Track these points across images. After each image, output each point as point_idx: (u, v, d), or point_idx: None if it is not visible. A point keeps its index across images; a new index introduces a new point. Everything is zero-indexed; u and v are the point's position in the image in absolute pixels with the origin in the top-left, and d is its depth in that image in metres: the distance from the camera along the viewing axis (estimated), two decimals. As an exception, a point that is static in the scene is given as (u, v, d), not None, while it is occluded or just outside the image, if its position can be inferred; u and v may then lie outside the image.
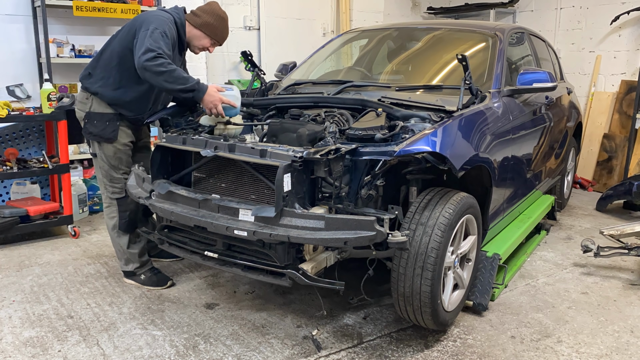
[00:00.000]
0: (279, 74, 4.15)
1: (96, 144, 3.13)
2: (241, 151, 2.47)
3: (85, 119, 3.10)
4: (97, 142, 3.12)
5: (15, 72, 4.60)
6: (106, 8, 4.63)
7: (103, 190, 3.25)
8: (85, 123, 3.11)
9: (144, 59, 2.75)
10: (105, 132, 3.07)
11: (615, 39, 6.09)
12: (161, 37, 2.85)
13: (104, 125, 3.07)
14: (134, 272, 3.31)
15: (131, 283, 3.33)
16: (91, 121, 3.08)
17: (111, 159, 3.14)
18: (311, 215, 2.32)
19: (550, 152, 4.26)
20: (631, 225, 3.86)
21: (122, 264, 3.33)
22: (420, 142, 2.40)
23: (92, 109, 3.08)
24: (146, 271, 3.32)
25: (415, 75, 3.62)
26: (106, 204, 3.26)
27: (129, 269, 3.31)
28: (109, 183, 3.19)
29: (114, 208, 3.22)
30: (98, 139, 3.10)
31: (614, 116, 6.11)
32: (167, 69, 2.76)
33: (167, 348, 2.65)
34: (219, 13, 3.12)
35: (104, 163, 3.15)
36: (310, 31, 6.63)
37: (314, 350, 2.64)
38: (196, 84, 2.82)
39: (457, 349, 2.69)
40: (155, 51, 2.77)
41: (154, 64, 2.75)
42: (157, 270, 3.38)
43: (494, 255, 3.14)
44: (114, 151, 3.13)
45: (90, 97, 3.08)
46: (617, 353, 2.69)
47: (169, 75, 2.77)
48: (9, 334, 2.77)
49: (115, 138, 3.10)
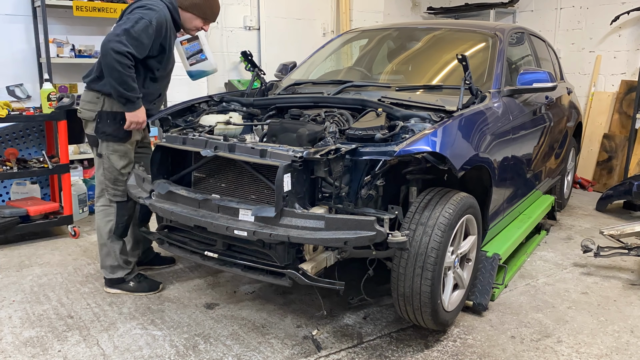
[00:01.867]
0: (279, 74, 4.15)
1: (104, 144, 3.07)
2: (241, 151, 2.47)
3: (98, 119, 3.04)
4: (106, 142, 3.06)
5: (15, 72, 4.60)
6: (106, 8, 4.63)
7: (101, 193, 3.16)
8: (98, 123, 3.04)
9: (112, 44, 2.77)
10: (119, 131, 3.04)
11: (615, 39, 6.09)
12: (145, 27, 2.84)
13: (117, 125, 3.03)
14: (123, 279, 3.21)
15: (116, 292, 3.21)
16: (104, 120, 3.03)
17: (120, 160, 3.08)
18: (311, 215, 2.32)
19: (550, 152, 4.26)
20: (631, 225, 3.85)
21: (107, 271, 3.21)
22: (420, 142, 2.40)
23: (104, 108, 3.03)
24: (134, 278, 3.24)
25: (415, 75, 3.62)
26: (103, 207, 3.16)
27: (117, 276, 3.20)
28: (111, 185, 3.11)
29: (111, 211, 3.14)
30: (112, 138, 3.04)
31: (614, 116, 6.11)
32: (122, 70, 2.79)
33: (167, 348, 2.65)
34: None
35: (110, 164, 3.07)
36: (310, 31, 6.63)
37: (314, 350, 2.64)
38: (136, 98, 2.90)
39: (457, 349, 2.69)
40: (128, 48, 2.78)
41: (115, 57, 2.76)
42: (144, 276, 3.31)
43: (494, 255, 3.14)
44: (124, 151, 3.09)
45: (102, 96, 3.03)
46: (617, 353, 2.69)
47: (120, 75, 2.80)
48: (9, 334, 2.77)
49: (129, 137, 3.08)
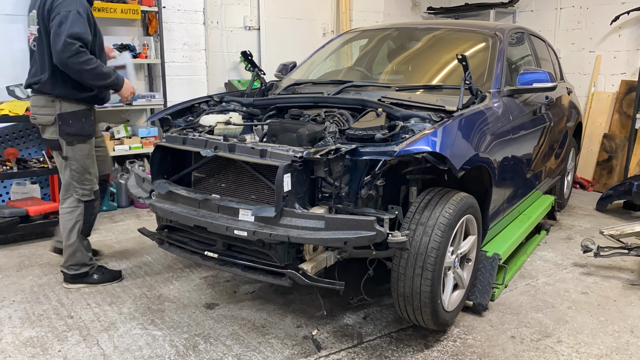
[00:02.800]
0: (279, 74, 4.15)
1: (70, 147, 3.06)
2: (241, 151, 2.47)
3: (59, 122, 3.02)
4: (70, 142, 3.05)
5: (15, 72, 4.59)
6: (106, 8, 4.63)
7: (66, 195, 3.17)
8: (60, 125, 3.02)
9: (65, 56, 2.75)
10: (84, 129, 3.04)
11: (615, 39, 6.09)
12: (77, 19, 2.81)
13: (80, 123, 3.03)
14: (86, 273, 3.26)
15: (78, 287, 3.25)
16: (66, 122, 3.02)
17: (85, 158, 3.09)
18: (311, 215, 2.32)
19: (550, 152, 4.26)
20: (631, 225, 3.85)
21: (71, 269, 3.24)
22: (420, 142, 2.40)
23: (62, 110, 3.02)
24: (96, 270, 3.31)
25: (415, 75, 3.62)
26: (69, 209, 3.17)
27: (82, 271, 3.25)
28: (78, 186, 3.12)
29: (79, 212, 3.16)
30: (77, 138, 3.05)
31: (614, 116, 6.11)
32: (90, 66, 2.78)
33: (167, 348, 2.65)
34: None
35: (77, 165, 3.09)
36: (310, 31, 6.63)
37: (314, 350, 2.64)
38: (115, 78, 2.89)
39: (457, 349, 2.69)
40: (74, 43, 2.74)
41: (77, 61, 2.75)
42: (106, 268, 3.39)
43: (494, 255, 3.14)
44: (88, 149, 3.11)
45: (56, 99, 3.01)
46: (617, 353, 2.69)
47: (92, 72, 2.80)
48: (9, 334, 2.77)
49: (94, 133, 3.11)
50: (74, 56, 2.76)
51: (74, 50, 2.75)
